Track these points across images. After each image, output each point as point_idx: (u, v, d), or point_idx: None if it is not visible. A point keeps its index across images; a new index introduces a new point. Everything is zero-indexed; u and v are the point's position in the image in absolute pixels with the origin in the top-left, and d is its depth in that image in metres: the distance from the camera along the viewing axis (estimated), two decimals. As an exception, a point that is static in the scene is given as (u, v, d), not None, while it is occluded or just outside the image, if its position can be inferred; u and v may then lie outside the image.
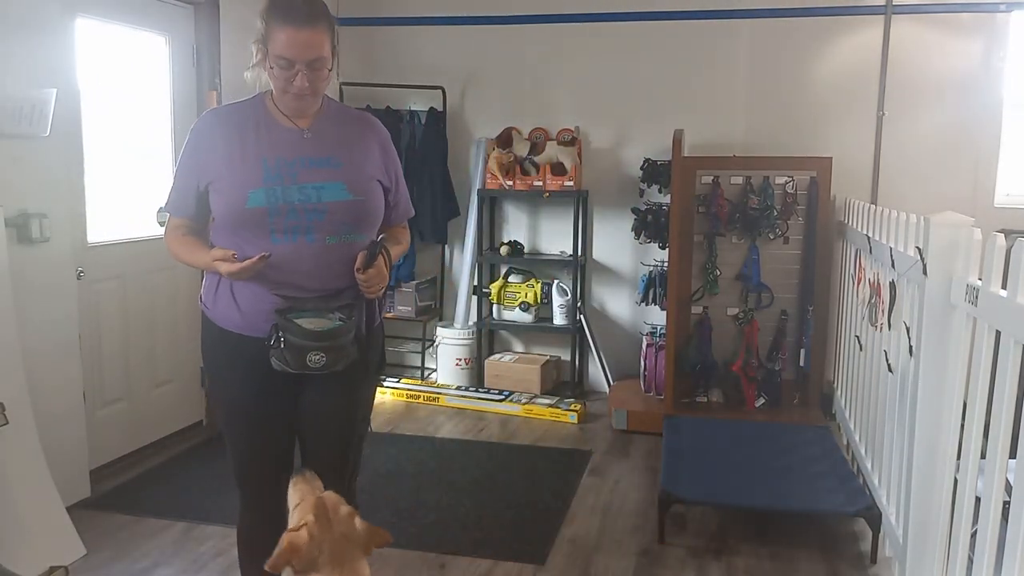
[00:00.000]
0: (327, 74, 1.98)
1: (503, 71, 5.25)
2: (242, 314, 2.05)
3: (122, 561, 3.00)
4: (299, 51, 1.90)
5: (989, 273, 2.11)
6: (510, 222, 5.40)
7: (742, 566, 3.05)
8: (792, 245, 4.57)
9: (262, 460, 2.17)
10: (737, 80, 4.92)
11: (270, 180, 1.97)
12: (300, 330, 1.95)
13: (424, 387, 5.14)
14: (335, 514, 1.64)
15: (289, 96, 1.98)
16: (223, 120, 2.06)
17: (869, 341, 3.51)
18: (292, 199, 1.97)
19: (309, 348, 1.96)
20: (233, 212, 1.99)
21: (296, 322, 1.96)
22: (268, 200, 1.96)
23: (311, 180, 2.00)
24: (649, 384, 4.75)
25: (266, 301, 2.01)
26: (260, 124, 2.04)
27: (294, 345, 1.96)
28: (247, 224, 1.99)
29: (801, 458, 3.67)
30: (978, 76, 4.61)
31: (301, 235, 1.99)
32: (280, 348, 1.97)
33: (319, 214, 1.99)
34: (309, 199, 1.98)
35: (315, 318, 1.97)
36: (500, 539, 3.24)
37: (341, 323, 1.99)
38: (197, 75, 4.26)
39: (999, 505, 2.00)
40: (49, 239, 3.24)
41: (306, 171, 2.00)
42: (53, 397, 3.26)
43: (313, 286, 2.02)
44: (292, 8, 1.90)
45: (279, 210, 1.97)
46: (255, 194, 1.96)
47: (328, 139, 2.06)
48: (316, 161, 2.02)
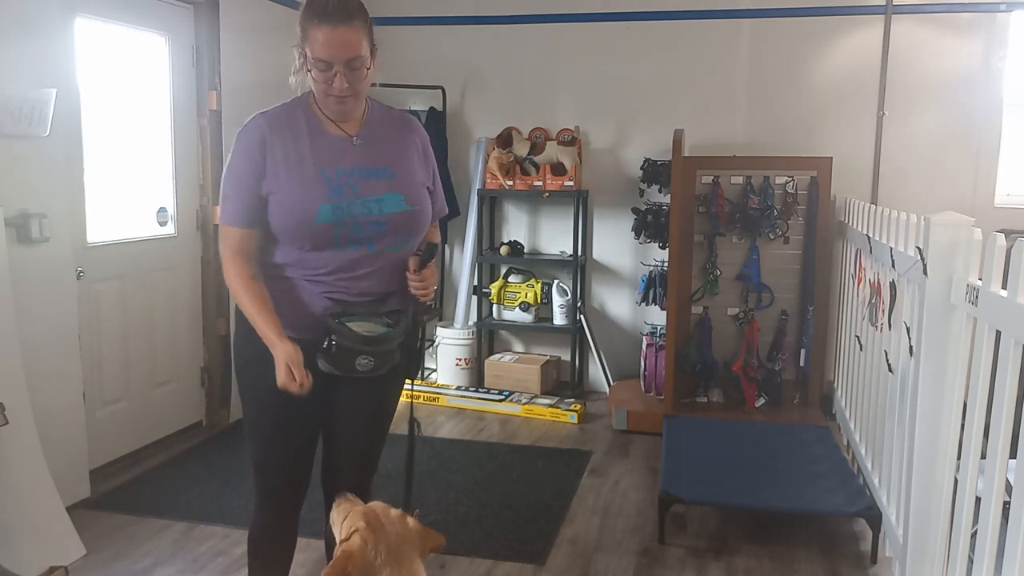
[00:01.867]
0: (366, 74, 1.94)
1: (503, 71, 5.25)
2: (290, 315, 2.02)
3: (122, 561, 3.00)
4: (336, 51, 1.87)
5: (989, 273, 2.11)
6: (510, 222, 5.40)
7: (742, 566, 3.05)
8: (792, 245, 4.57)
9: (285, 461, 2.16)
10: (737, 80, 4.92)
11: (335, 195, 1.97)
12: (352, 334, 1.98)
13: (424, 387, 5.13)
14: (386, 517, 1.65)
15: (331, 99, 1.95)
16: (274, 124, 2.00)
17: (869, 341, 3.51)
18: (356, 213, 1.98)
19: (359, 352, 1.98)
20: (300, 227, 1.97)
21: (348, 326, 1.98)
22: (334, 215, 1.96)
23: (371, 192, 2.00)
24: (649, 384, 4.75)
25: (316, 305, 2.02)
26: (311, 130, 2.00)
27: (345, 349, 1.98)
28: (311, 237, 1.98)
29: (801, 458, 3.67)
30: (978, 76, 4.61)
31: (364, 246, 2.01)
32: (331, 352, 1.98)
33: (380, 226, 2.01)
34: (371, 212, 1.99)
35: (365, 322, 2.00)
36: (500, 539, 3.24)
37: (390, 328, 2.03)
38: (197, 75, 4.26)
39: (999, 505, 2.00)
40: (49, 239, 3.24)
41: (364, 183, 2.00)
42: (53, 397, 3.26)
43: (368, 289, 2.05)
44: (327, 8, 1.86)
45: (344, 224, 1.98)
46: (323, 209, 1.95)
47: (377, 146, 2.06)
48: (372, 171, 2.02)
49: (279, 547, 2.27)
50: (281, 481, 2.18)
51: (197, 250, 4.37)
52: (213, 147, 4.30)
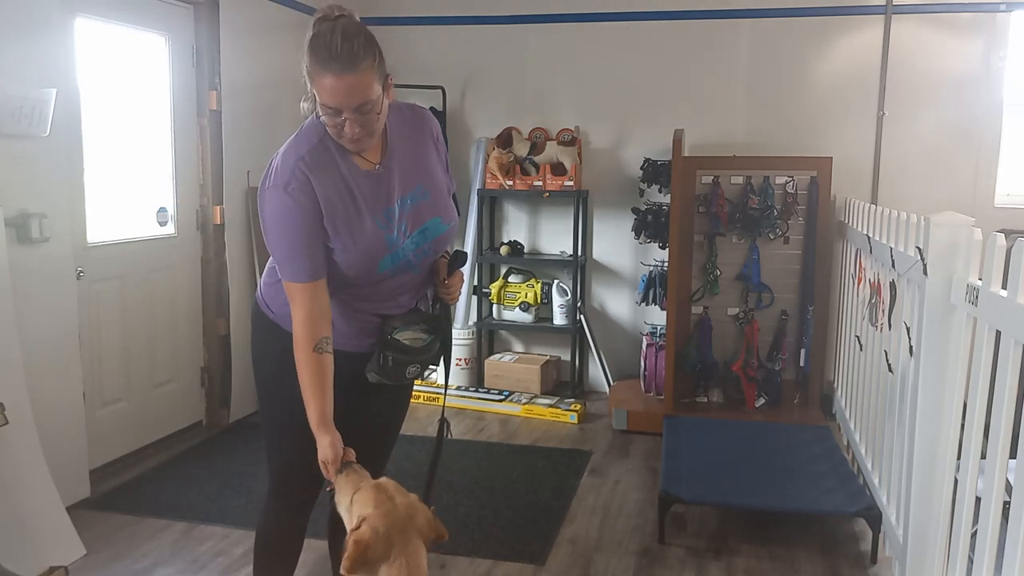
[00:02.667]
0: (379, 115, 1.83)
1: (503, 71, 5.25)
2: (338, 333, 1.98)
3: (122, 561, 3.00)
4: (343, 99, 1.76)
5: (989, 273, 2.11)
6: (510, 222, 5.40)
7: (742, 566, 3.05)
8: (792, 245, 4.57)
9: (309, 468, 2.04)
10: (737, 80, 4.92)
11: (392, 244, 1.96)
12: (403, 347, 2.04)
13: (424, 387, 5.13)
14: (400, 496, 1.65)
15: (345, 143, 1.86)
16: (317, 170, 1.87)
17: (869, 341, 3.51)
18: (408, 251, 2.00)
19: (409, 362, 2.05)
20: (361, 276, 1.96)
21: (397, 338, 2.03)
22: (393, 263, 1.99)
23: (416, 225, 1.99)
24: (649, 384, 4.75)
25: (365, 321, 2.04)
26: (346, 166, 1.90)
27: (398, 361, 2.03)
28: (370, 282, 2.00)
29: (801, 458, 3.67)
30: (978, 76, 4.61)
31: (409, 271, 2.04)
32: (386, 365, 2.03)
33: (426, 252, 2.04)
34: (419, 245, 2.01)
35: (409, 332, 2.05)
36: (500, 539, 3.24)
37: (432, 336, 2.09)
38: (197, 75, 4.26)
39: (999, 505, 2.00)
40: (49, 239, 3.24)
41: (407, 216, 1.98)
42: (53, 397, 3.27)
43: (403, 303, 2.09)
44: (331, 54, 1.75)
45: (397, 268, 2.01)
46: (383, 262, 1.96)
47: (405, 165, 1.99)
48: (409, 198, 1.98)
49: (289, 547, 2.26)
50: (300, 482, 2.16)
51: (197, 250, 4.37)
52: (213, 147, 4.30)
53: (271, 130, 4.43)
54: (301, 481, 2.16)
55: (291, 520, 2.22)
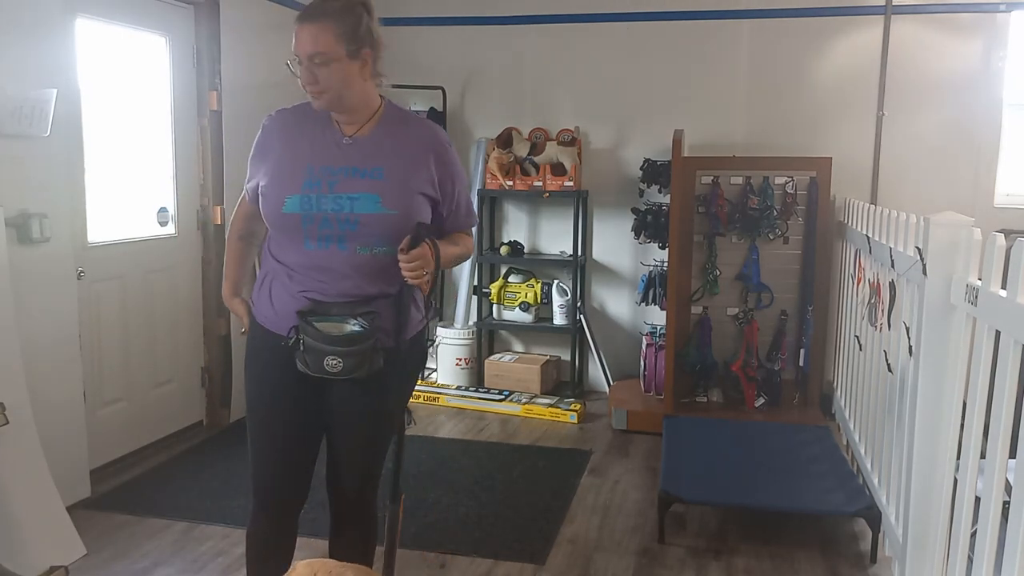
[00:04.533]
0: (335, 72, 1.94)
1: (503, 71, 5.25)
2: (275, 312, 2.07)
3: (122, 561, 3.01)
4: (301, 47, 1.94)
5: (989, 273, 2.11)
6: (510, 222, 5.40)
7: (742, 566, 3.05)
8: (792, 245, 4.58)
9: (274, 463, 2.15)
10: (737, 80, 4.92)
11: (309, 187, 1.99)
12: (318, 333, 1.97)
13: (424, 387, 5.13)
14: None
15: (308, 95, 2.00)
16: (288, 120, 2.10)
17: (869, 341, 3.51)
18: (326, 208, 1.98)
19: (326, 352, 1.97)
20: (272, 215, 2.04)
21: (315, 325, 1.98)
22: (302, 207, 1.98)
23: (348, 190, 1.99)
24: (649, 384, 4.75)
25: (298, 302, 2.03)
26: (316, 128, 2.06)
27: (312, 348, 1.98)
28: (283, 228, 2.03)
29: (801, 458, 3.67)
30: (978, 76, 4.61)
31: (334, 243, 2.00)
32: (300, 350, 1.99)
33: (351, 224, 1.99)
34: (342, 209, 1.98)
35: (336, 323, 1.98)
36: (500, 539, 3.24)
37: (361, 330, 1.98)
38: (197, 75, 4.26)
39: (999, 505, 2.00)
40: (49, 239, 3.24)
41: (348, 181, 1.99)
42: (53, 397, 3.27)
43: (344, 291, 2.02)
44: (307, 8, 1.96)
45: (312, 218, 1.99)
46: (291, 200, 1.99)
47: (375, 148, 2.04)
48: (360, 171, 2.01)
49: (275, 549, 2.25)
50: (272, 483, 2.17)
51: (198, 250, 4.37)
52: (214, 147, 4.30)
53: (271, 130, 4.42)
54: (272, 482, 2.17)
55: (270, 522, 2.22)
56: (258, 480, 2.18)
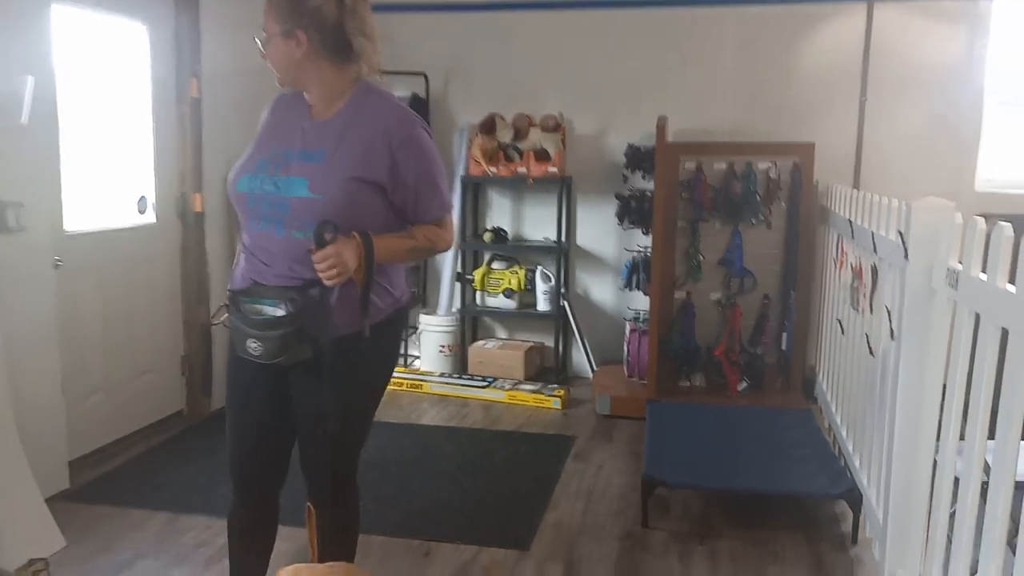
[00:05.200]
0: (272, 50, 2.03)
1: (486, 57, 5.22)
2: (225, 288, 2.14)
3: (104, 553, 2.98)
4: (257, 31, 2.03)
5: (969, 257, 2.12)
6: (494, 208, 5.38)
7: (725, 549, 3.07)
8: (775, 230, 4.59)
9: (249, 443, 2.17)
10: (721, 66, 4.92)
11: (261, 167, 2.02)
12: (239, 315, 1.98)
13: (407, 374, 5.12)
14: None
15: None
16: (279, 105, 2.15)
17: (851, 325, 3.53)
18: (266, 190, 1.99)
19: (247, 334, 1.95)
20: (228, 190, 2.10)
21: (241, 306, 1.98)
22: (249, 187, 2.02)
23: (288, 173, 1.99)
24: (632, 369, 4.76)
25: (244, 281, 2.07)
26: (295, 113, 2.09)
27: (235, 328, 1.99)
28: (237, 205, 2.09)
29: (783, 441, 3.69)
30: (960, 63, 4.63)
31: (272, 226, 2.00)
32: (229, 328, 2.01)
33: (284, 207, 1.98)
34: (278, 191, 1.98)
35: (261, 305, 1.96)
36: (484, 525, 3.24)
37: (282, 316, 1.93)
38: (177, 62, 4.20)
39: (978, 486, 2.02)
40: (25, 228, 3.20)
41: (296, 164, 1.99)
42: (31, 387, 3.23)
43: (279, 274, 2.01)
44: None
45: (256, 198, 2.01)
46: (243, 179, 2.04)
47: (327, 132, 2.01)
48: (307, 154, 2.00)
49: (254, 535, 2.26)
50: (248, 468, 2.18)
51: (177, 239, 4.32)
52: (194, 135, 4.25)
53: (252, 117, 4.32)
54: (245, 466, 2.17)
55: (247, 507, 2.23)
56: (234, 465, 2.19)
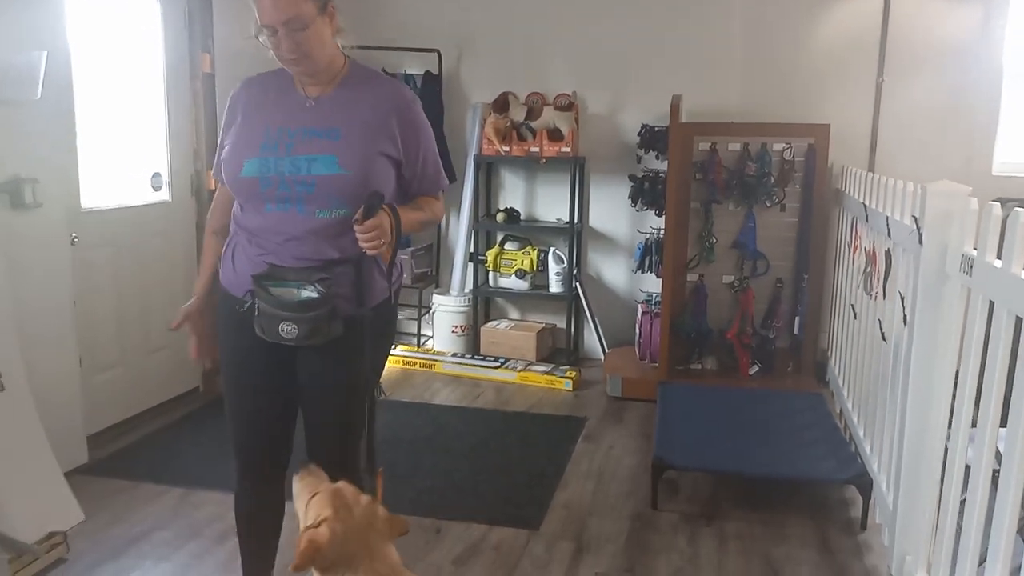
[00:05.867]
0: (313, 34, 1.90)
1: (499, 34, 5.19)
2: (236, 276, 2.07)
3: (120, 526, 3.03)
4: (274, 15, 1.86)
5: (984, 243, 2.10)
6: (506, 188, 5.37)
7: (733, 531, 3.09)
8: (789, 213, 4.56)
9: (252, 425, 2.17)
10: (736, 45, 4.87)
11: (266, 150, 1.97)
12: (272, 298, 1.96)
13: (420, 354, 5.15)
14: (356, 504, 1.59)
15: (286, 63, 1.95)
16: (252, 88, 2.09)
17: (864, 310, 3.51)
18: (283, 170, 1.96)
19: (281, 318, 1.95)
20: (230, 179, 2.03)
21: (270, 290, 1.96)
22: (260, 170, 1.97)
23: (306, 151, 1.97)
24: (644, 351, 4.77)
25: (257, 266, 2.01)
26: (279, 92, 2.04)
27: (266, 313, 1.96)
28: (242, 191, 2.02)
29: (794, 425, 3.69)
30: (978, 43, 4.56)
31: (293, 205, 1.98)
32: (256, 315, 1.98)
33: (308, 186, 1.96)
34: (299, 171, 1.96)
35: (291, 288, 1.96)
36: (495, 504, 3.27)
37: (316, 296, 1.95)
38: (190, 37, 4.20)
39: (989, 473, 2.02)
40: (42, 204, 3.22)
41: (305, 142, 1.97)
42: (49, 363, 3.27)
43: (302, 255, 2.00)
44: None
45: (270, 181, 1.96)
46: (249, 164, 1.98)
47: (334, 109, 2.01)
48: (317, 132, 1.98)
49: (259, 513, 2.28)
50: (250, 448, 2.19)
51: (192, 215, 4.34)
52: (207, 111, 4.25)
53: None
54: (248, 445, 2.19)
55: (256, 491, 2.24)
56: (237, 445, 2.20)
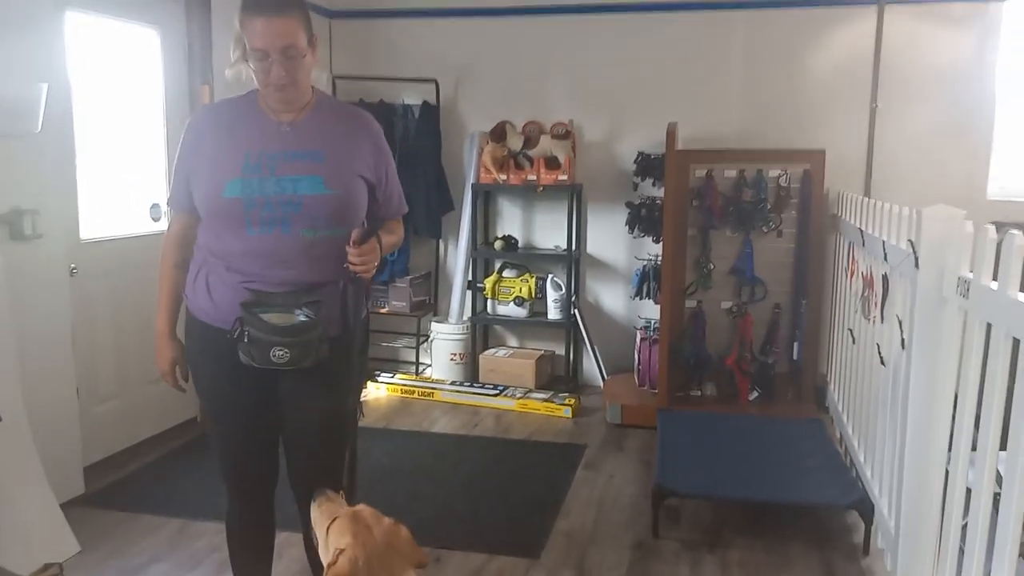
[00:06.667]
0: (304, 63, 1.98)
1: (497, 64, 5.24)
2: (215, 305, 2.06)
3: (117, 558, 3.00)
4: (271, 40, 1.91)
5: (980, 266, 2.11)
6: (504, 216, 5.40)
7: (736, 559, 3.06)
8: (786, 238, 4.58)
9: (241, 451, 2.20)
10: (731, 72, 4.92)
11: (248, 171, 1.99)
12: (263, 324, 1.97)
13: (419, 382, 5.14)
14: (377, 525, 1.55)
15: (271, 88, 1.98)
16: (215, 115, 2.11)
17: (862, 334, 3.52)
18: (268, 191, 1.98)
19: (273, 343, 1.96)
20: (210, 201, 2.01)
21: (261, 317, 1.97)
22: (244, 191, 1.98)
23: (289, 172, 1.99)
24: (643, 378, 4.76)
25: (239, 293, 2.02)
26: (248, 118, 2.05)
27: (258, 340, 1.97)
28: (223, 214, 2.01)
29: (794, 451, 3.68)
30: (971, 68, 4.61)
31: (277, 226, 1.99)
32: (245, 342, 1.98)
33: (294, 207, 1.99)
34: (285, 191, 1.98)
35: (281, 313, 1.98)
36: (495, 533, 3.25)
37: (307, 319, 1.99)
38: (189, 69, 4.25)
39: (990, 496, 2.01)
40: (42, 236, 3.23)
41: (287, 164, 2.00)
42: (46, 393, 3.26)
43: (287, 279, 2.02)
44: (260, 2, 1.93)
45: (255, 202, 1.98)
46: (231, 184, 1.98)
47: (313, 132, 2.05)
48: (298, 154, 2.02)
49: (250, 536, 2.31)
50: (236, 469, 2.22)
51: (190, 246, 4.35)
52: (206, 142, 4.28)
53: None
54: (236, 469, 2.22)
55: (247, 512, 2.27)
56: (228, 471, 2.24)
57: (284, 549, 2.31)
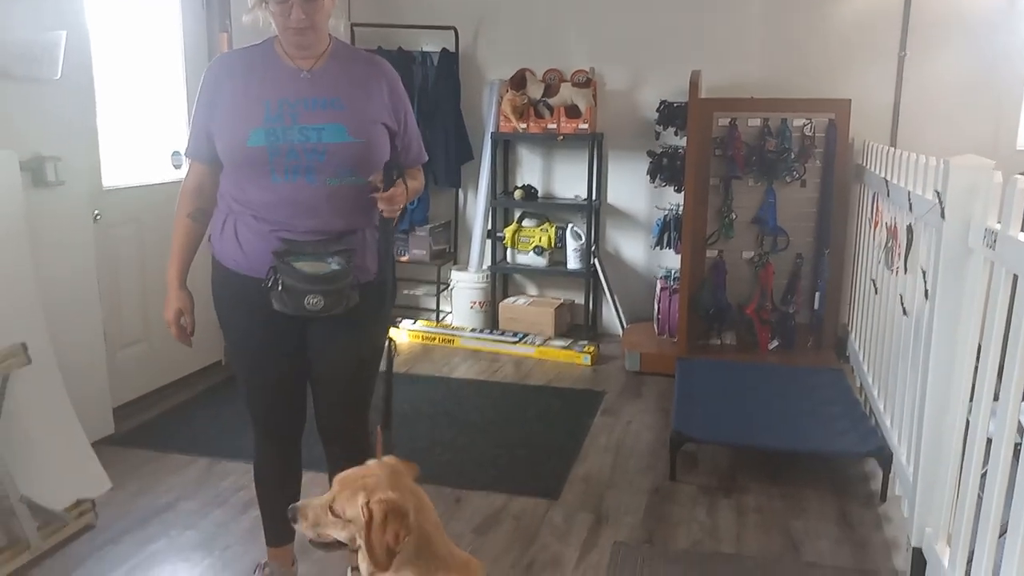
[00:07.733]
0: (324, 6, 1.97)
1: (516, 11, 5.16)
2: (245, 254, 2.08)
3: (147, 495, 3.09)
4: None
5: (1008, 217, 2.09)
6: (524, 165, 5.37)
7: (753, 504, 3.10)
8: (809, 188, 4.53)
9: (270, 396, 2.24)
10: (755, 19, 4.82)
11: (271, 120, 1.99)
12: (297, 273, 1.99)
13: (439, 329, 5.18)
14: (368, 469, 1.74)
15: (290, 32, 1.98)
16: (232, 63, 2.09)
17: (884, 285, 3.50)
18: (292, 139, 1.98)
19: (306, 291, 1.99)
20: (234, 151, 2.02)
21: (294, 265, 1.99)
22: (268, 140, 1.98)
23: (312, 121, 2.00)
24: (663, 327, 4.77)
25: (269, 242, 2.04)
26: (266, 66, 2.05)
27: (291, 288, 2.00)
28: (248, 163, 2.02)
29: (814, 400, 3.69)
30: (1002, 15, 4.49)
31: (301, 175, 2.01)
32: (278, 290, 2.01)
33: (319, 155, 2.00)
34: (309, 139, 1.99)
35: (313, 261, 2.01)
36: (514, 476, 3.30)
37: (339, 267, 2.02)
38: (207, 16, 4.22)
39: (1011, 446, 2.02)
40: (65, 182, 3.25)
41: (308, 112, 2.00)
42: (74, 338, 3.32)
43: (314, 227, 2.04)
44: None
45: (279, 150, 1.99)
46: (256, 133, 1.98)
47: (332, 80, 2.05)
48: (319, 102, 2.02)
49: (278, 478, 2.36)
50: (265, 414, 2.27)
51: (212, 193, 4.37)
52: (226, 89, 4.27)
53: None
54: (265, 413, 2.26)
55: (271, 451, 2.33)
56: (255, 413, 2.28)
57: (309, 489, 2.35)
